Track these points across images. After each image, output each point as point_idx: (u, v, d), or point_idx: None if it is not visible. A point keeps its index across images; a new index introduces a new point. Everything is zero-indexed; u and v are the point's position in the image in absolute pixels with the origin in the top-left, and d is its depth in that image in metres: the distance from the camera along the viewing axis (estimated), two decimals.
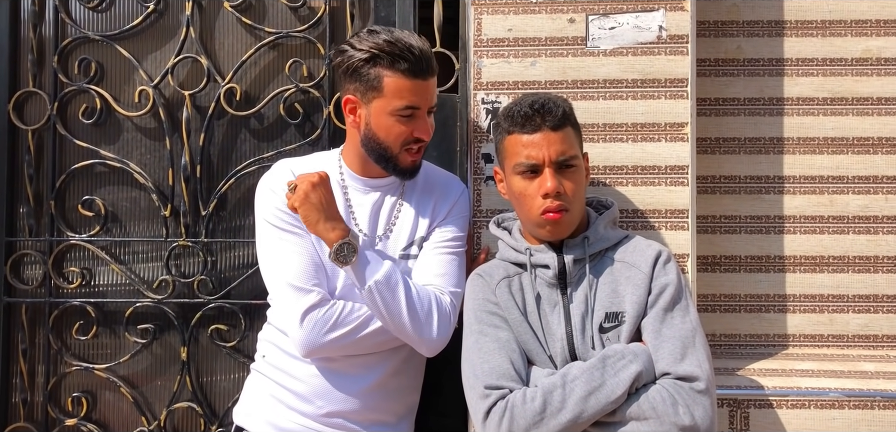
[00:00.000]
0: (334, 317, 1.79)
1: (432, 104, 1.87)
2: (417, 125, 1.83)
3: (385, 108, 1.82)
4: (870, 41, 2.34)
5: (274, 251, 1.86)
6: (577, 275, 1.79)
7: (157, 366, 2.53)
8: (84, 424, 2.52)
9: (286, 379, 1.90)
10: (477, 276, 1.86)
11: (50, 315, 2.51)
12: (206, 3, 2.51)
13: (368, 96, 1.83)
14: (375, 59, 1.80)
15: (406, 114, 1.82)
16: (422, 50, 1.81)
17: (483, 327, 1.75)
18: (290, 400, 1.89)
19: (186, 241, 2.48)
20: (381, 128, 1.84)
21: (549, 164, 1.73)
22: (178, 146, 2.49)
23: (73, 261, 2.53)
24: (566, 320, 1.76)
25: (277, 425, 1.89)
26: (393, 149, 1.85)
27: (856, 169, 2.33)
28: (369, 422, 1.89)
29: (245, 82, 2.50)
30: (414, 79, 1.80)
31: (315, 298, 1.79)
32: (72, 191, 2.54)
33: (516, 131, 1.76)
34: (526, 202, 1.77)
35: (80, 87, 2.51)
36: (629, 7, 2.09)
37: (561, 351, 1.74)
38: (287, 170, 1.94)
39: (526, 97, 1.80)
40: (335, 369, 1.87)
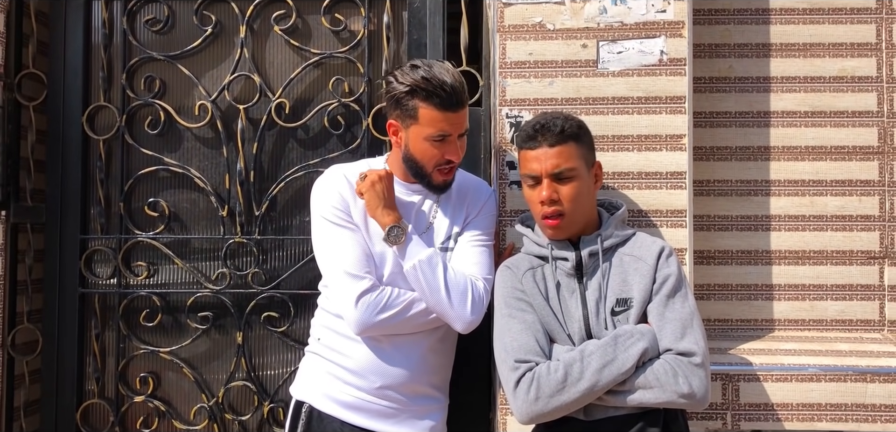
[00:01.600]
0: (384, 300, 2.07)
1: (463, 130, 2.13)
2: (448, 149, 2.10)
3: (420, 134, 2.09)
4: (845, 62, 2.63)
5: (331, 243, 2.13)
6: (591, 267, 2.04)
7: (214, 350, 2.82)
8: (151, 401, 2.81)
9: (341, 357, 2.16)
10: (505, 268, 2.12)
11: (120, 304, 2.80)
12: (258, 26, 2.80)
13: (407, 123, 2.11)
14: (413, 92, 2.06)
15: (438, 140, 2.08)
16: (454, 86, 2.06)
17: (512, 311, 2.03)
18: (345, 375, 2.15)
19: (241, 238, 2.77)
20: (417, 151, 2.11)
21: (545, 175, 2.00)
22: (233, 154, 2.79)
23: (140, 256, 2.82)
24: (583, 304, 2.01)
25: (335, 398, 2.15)
26: (427, 168, 2.12)
27: (833, 174, 2.62)
28: (414, 394, 2.16)
29: (292, 97, 2.79)
30: (445, 111, 2.06)
31: (368, 284, 2.07)
32: (138, 193, 2.82)
33: (524, 147, 2.05)
34: (532, 206, 2.07)
35: (146, 102, 2.80)
36: (634, 34, 2.39)
37: (578, 331, 1.99)
38: (340, 174, 2.22)
39: (535, 117, 2.07)
40: (384, 347, 2.13)
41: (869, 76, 2.62)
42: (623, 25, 2.39)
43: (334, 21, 2.77)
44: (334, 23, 2.77)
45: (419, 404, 2.18)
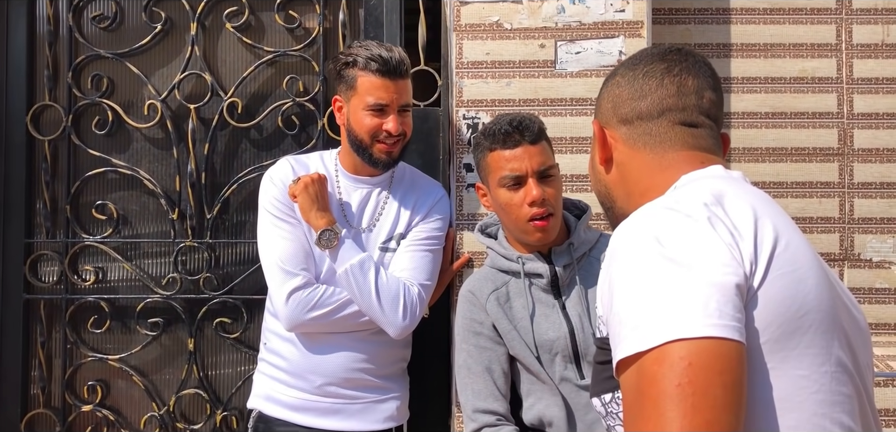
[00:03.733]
0: (316, 298, 2.04)
1: (404, 103, 2.09)
2: (386, 120, 2.06)
3: (360, 105, 2.07)
4: (805, 62, 2.62)
5: (268, 236, 2.11)
6: (568, 279, 1.96)
7: (165, 357, 2.75)
8: (99, 410, 2.72)
9: (281, 360, 2.14)
10: (469, 294, 2.02)
11: (66, 310, 2.71)
12: (210, 23, 2.73)
13: (348, 95, 2.10)
14: (353, 62, 2.07)
15: (376, 110, 2.06)
16: (392, 55, 2.05)
17: (470, 348, 1.97)
18: (287, 377, 2.13)
19: (192, 242, 2.70)
20: (356, 122, 2.09)
21: (531, 175, 1.90)
22: (184, 155, 2.71)
23: (88, 260, 2.74)
24: (566, 319, 1.92)
25: (279, 400, 2.13)
26: (365, 140, 2.08)
27: (794, 175, 2.61)
28: (363, 387, 2.12)
29: (245, 96, 2.72)
30: (383, 78, 2.04)
31: (300, 281, 2.04)
32: (86, 196, 2.74)
33: (498, 148, 1.93)
34: (513, 211, 1.92)
35: (93, 101, 2.71)
36: (593, 34, 2.35)
37: (564, 348, 1.90)
38: (288, 165, 2.17)
39: (503, 117, 1.98)
40: (323, 345, 2.10)
41: (829, 77, 2.61)
42: (581, 25, 2.35)
43: (288, 18, 2.70)
44: (288, 20, 2.70)
45: (370, 395, 2.15)
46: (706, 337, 0.85)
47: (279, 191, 2.12)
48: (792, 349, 0.92)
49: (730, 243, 0.92)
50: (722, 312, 0.87)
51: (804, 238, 1.02)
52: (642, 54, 1.19)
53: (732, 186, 1.03)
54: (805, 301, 0.94)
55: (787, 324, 0.92)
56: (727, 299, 0.88)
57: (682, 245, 0.91)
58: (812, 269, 0.97)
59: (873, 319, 2.59)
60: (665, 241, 0.92)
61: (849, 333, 1.00)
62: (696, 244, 0.92)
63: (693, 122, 1.12)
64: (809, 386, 0.92)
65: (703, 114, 1.13)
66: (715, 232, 0.93)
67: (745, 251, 0.93)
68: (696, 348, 0.85)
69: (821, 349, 0.93)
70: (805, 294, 0.94)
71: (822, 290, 0.96)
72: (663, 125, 1.12)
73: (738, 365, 0.86)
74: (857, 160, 2.60)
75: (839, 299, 1.01)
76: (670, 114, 1.12)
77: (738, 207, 0.97)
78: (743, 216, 0.96)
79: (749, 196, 1.01)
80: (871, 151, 2.60)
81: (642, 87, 1.14)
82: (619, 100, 1.17)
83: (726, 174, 1.08)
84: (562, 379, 1.89)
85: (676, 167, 1.10)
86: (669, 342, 0.85)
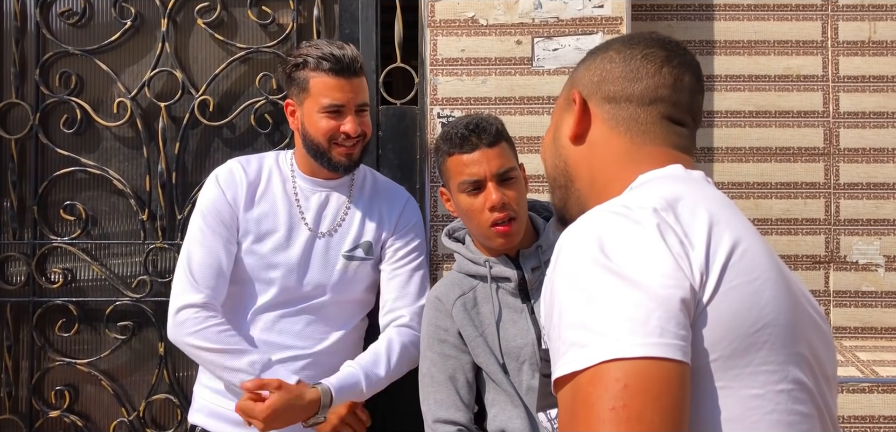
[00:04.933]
0: (202, 326, 1.93)
1: (360, 102, 1.99)
2: (344, 121, 1.97)
3: (314, 108, 1.97)
4: (790, 60, 2.56)
5: (191, 237, 2.03)
6: (536, 283, 1.89)
7: (135, 361, 2.68)
8: (67, 416, 2.66)
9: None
10: (435, 299, 1.96)
11: (34, 313, 2.64)
12: (181, 19, 2.66)
13: (301, 98, 2.00)
14: (304, 63, 1.97)
15: (332, 111, 1.96)
16: (344, 53, 1.95)
17: (434, 356, 1.91)
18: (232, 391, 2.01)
19: (163, 243, 2.63)
20: (312, 127, 1.98)
21: (491, 178, 1.84)
22: (154, 154, 2.64)
23: (56, 261, 2.67)
24: (534, 325, 1.86)
25: (220, 415, 2.05)
26: (323, 144, 1.98)
27: (778, 176, 2.55)
28: None
29: (217, 94, 2.65)
30: (336, 77, 1.94)
31: (199, 299, 1.94)
32: (54, 196, 2.67)
33: (456, 152, 1.87)
34: (474, 216, 1.87)
35: (61, 99, 2.64)
36: (570, 30, 2.29)
37: (532, 354, 1.83)
38: (238, 167, 2.09)
39: (460, 120, 1.92)
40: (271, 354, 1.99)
41: (814, 75, 2.55)
42: (559, 21, 2.29)
43: (261, 14, 2.63)
44: (261, 16, 2.63)
45: None
46: (645, 357, 0.80)
47: (219, 197, 2.03)
48: (744, 367, 0.86)
49: (679, 253, 0.86)
50: (663, 330, 0.81)
51: (765, 243, 0.96)
52: (640, 37, 1.12)
53: (690, 188, 0.97)
54: (760, 315, 0.87)
55: (739, 340, 0.86)
56: (670, 315, 0.82)
57: (625, 255, 0.85)
58: (770, 279, 0.90)
59: (859, 323, 2.53)
60: (609, 250, 0.86)
61: (812, 346, 0.94)
62: (641, 255, 0.85)
63: (680, 120, 1.07)
64: (763, 406, 0.86)
65: (690, 113, 1.08)
66: (663, 241, 0.86)
67: (695, 262, 0.86)
68: (633, 369, 0.79)
69: (777, 366, 0.87)
70: (761, 307, 0.87)
71: (780, 302, 0.89)
72: (652, 114, 1.05)
73: (678, 387, 0.80)
74: (844, 160, 2.54)
75: (802, 309, 0.95)
76: (661, 105, 1.06)
77: (693, 212, 0.91)
78: (697, 222, 0.90)
79: (707, 199, 0.95)
80: (857, 151, 2.54)
81: (639, 69, 1.07)
82: (609, 75, 1.09)
83: (686, 174, 1.02)
84: (528, 388, 1.83)
85: (649, 162, 1.04)
86: (606, 362, 0.80)
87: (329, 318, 2.06)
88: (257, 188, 2.07)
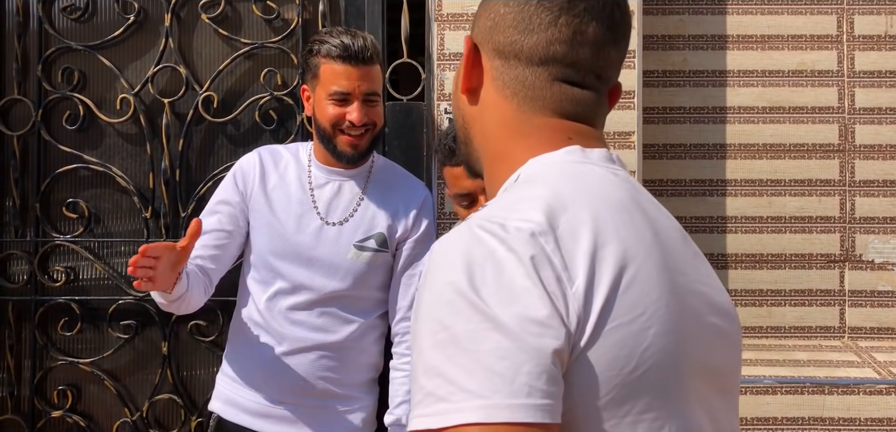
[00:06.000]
0: None
1: (369, 90, 1.95)
2: (350, 109, 1.93)
3: (323, 94, 1.94)
4: (804, 55, 2.51)
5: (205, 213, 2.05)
6: None
7: (139, 360, 2.65)
8: (69, 416, 2.63)
9: (245, 364, 2.05)
10: None
11: (36, 312, 2.61)
12: (185, 14, 2.63)
13: (313, 84, 1.98)
14: (317, 50, 1.95)
15: (338, 98, 1.92)
16: (355, 40, 1.92)
17: None
18: (250, 382, 2.03)
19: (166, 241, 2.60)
20: (320, 112, 1.97)
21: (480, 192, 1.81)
22: (158, 151, 2.61)
23: (58, 260, 2.64)
24: None
25: (239, 404, 2.04)
26: (328, 130, 1.96)
27: (792, 173, 2.51)
28: (326, 396, 2.02)
29: (222, 90, 2.62)
30: (345, 64, 1.91)
31: None
32: (56, 193, 2.64)
33: (449, 163, 1.87)
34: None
35: (64, 95, 2.61)
36: None
37: None
38: (257, 157, 2.07)
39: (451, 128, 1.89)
40: (293, 350, 1.99)
41: (829, 70, 2.50)
42: None
43: (266, 9, 2.60)
44: (266, 11, 2.60)
45: (335, 405, 2.04)
46: (507, 423, 0.70)
47: (231, 181, 2.05)
48: (623, 416, 0.77)
49: (555, 292, 0.75)
50: (531, 389, 0.71)
51: (660, 253, 0.83)
52: None
53: (580, 187, 0.85)
54: (643, 357, 0.77)
55: (617, 388, 0.77)
56: (541, 370, 0.72)
57: (495, 291, 0.74)
58: (660, 310, 0.80)
59: (875, 323, 2.48)
60: (477, 282, 0.75)
61: (711, 368, 0.86)
62: (511, 291, 0.74)
63: (580, 82, 0.90)
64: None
65: (595, 73, 0.90)
66: (538, 276, 0.75)
67: (572, 303, 0.76)
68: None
69: (660, 411, 0.78)
70: (644, 348, 0.78)
71: (669, 341, 0.79)
72: (541, 77, 0.90)
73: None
74: (859, 157, 2.49)
75: (701, 325, 0.85)
76: (553, 66, 0.89)
77: (575, 233, 0.79)
78: (579, 246, 0.78)
79: (598, 201, 0.83)
80: (873, 148, 2.49)
81: (532, 19, 0.89)
82: (501, 22, 0.92)
83: (582, 159, 0.89)
84: None
85: (537, 137, 0.90)
86: (463, 426, 0.71)
87: (344, 310, 2.03)
88: (274, 174, 2.06)
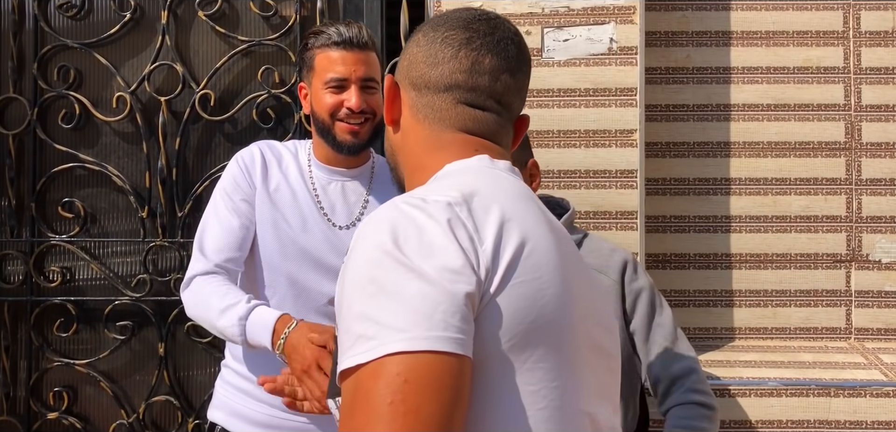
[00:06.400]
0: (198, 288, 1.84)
1: (365, 76, 1.89)
2: (347, 95, 1.88)
3: (319, 84, 1.89)
4: (810, 51, 2.47)
5: (209, 210, 1.96)
6: None
7: (135, 362, 2.62)
8: (65, 418, 2.60)
9: (249, 371, 1.95)
10: None
11: (31, 312, 2.59)
12: (182, 11, 2.60)
13: (310, 78, 1.93)
14: (312, 44, 1.91)
15: (334, 85, 1.87)
16: (349, 27, 1.88)
17: None
18: (256, 391, 1.95)
19: (163, 241, 2.57)
20: (317, 103, 1.91)
21: None
22: (154, 150, 2.58)
23: (54, 260, 2.61)
24: None
25: (245, 415, 1.96)
26: (326, 121, 1.90)
27: (797, 171, 2.46)
28: None
29: (219, 88, 2.59)
30: (340, 50, 1.87)
31: (204, 267, 1.85)
32: (52, 193, 2.62)
33: None
34: None
35: (60, 93, 2.59)
36: (582, 20, 2.21)
37: None
38: (257, 150, 1.99)
39: None
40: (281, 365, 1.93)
41: (835, 67, 2.46)
42: (569, 11, 2.21)
43: (264, 6, 2.57)
44: (264, 8, 2.57)
45: None
46: (426, 351, 0.81)
47: (239, 174, 1.96)
48: (523, 362, 0.88)
49: (468, 248, 0.88)
50: (447, 324, 0.82)
51: (556, 244, 0.95)
52: (448, 16, 1.09)
53: (489, 182, 0.98)
54: (542, 312, 0.89)
55: (519, 335, 0.88)
56: (455, 310, 0.83)
57: (416, 248, 0.86)
58: (555, 280, 0.92)
59: (882, 324, 2.44)
60: (401, 242, 0.87)
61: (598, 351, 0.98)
62: (431, 248, 0.86)
63: (480, 105, 1.04)
64: (537, 402, 0.89)
65: (494, 98, 1.05)
66: (453, 236, 0.88)
67: (483, 257, 0.88)
68: (413, 363, 0.81)
69: (554, 363, 0.90)
70: (542, 304, 0.90)
71: (564, 303, 0.92)
72: (447, 101, 1.04)
73: (457, 381, 0.82)
74: (866, 155, 2.45)
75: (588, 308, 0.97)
76: (457, 92, 1.04)
77: (486, 208, 0.92)
78: (489, 218, 0.91)
79: (504, 195, 0.96)
80: (880, 145, 2.45)
81: (437, 54, 1.05)
82: (414, 61, 1.08)
83: (490, 165, 1.02)
84: None
85: (449, 150, 1.04)
86: (388, 355, 0.81)
87: None
88: (276, 171, 1.99)
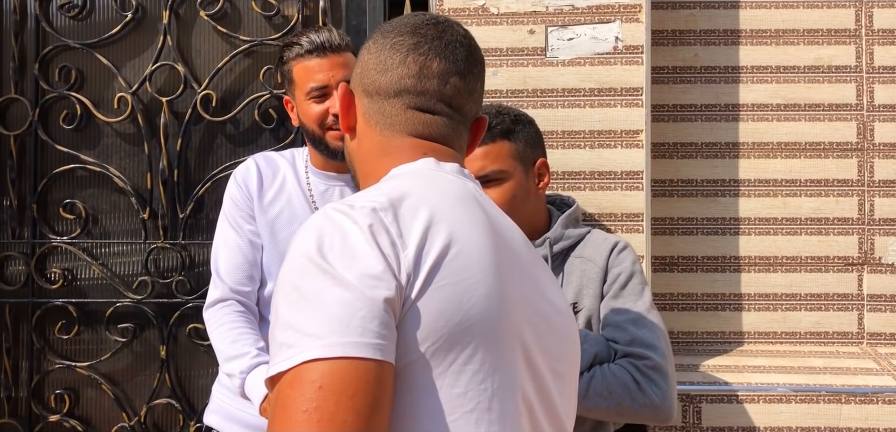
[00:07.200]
0: (214, 325, 1.88)
1: (344, 79, 1.85)
2: (331, 103, 1.86)
3: (302, 96, 1.89)
4: (821, 50, 2.42)
5: (218, 238, 1.97)
6: None
7: (137, 364, 2.60)
8: (67, 420, 2.58)
9: None
10: None
11: (33, 314, 2.57)
12: (183, 11, 2.57)
13: (292, 91, 1.92)
14: (287, 57, 1.90)
15: (316, 95, 1.86)
16: (320, 33, 1.87)
17: None
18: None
19: (164, 243, 2.55)
20: (303, 115, 1.90)
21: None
22: (156, 151, 2.56)
23: (55, 262, 2.59)
24: None
25: (239, 419, 1.96)
26: (316, 131, 1.89)
27: (808, 172, 2.42)
28: None
29: (221, 89, 2.56)
30: (316, 57, 1.86)
31: (220, 294, 1.89)
32: (53, 194, 2.60)
33: None
34: None
35: (61, 94, 2.57)
36: (587, 18, 2.17)
37: None
38: (254, 165, 1.99)
39: None
40: None
41: (847, 66, 2.41)
42: (574, 9, 2.17)
43: (266, 5, 2.54)
44: (266, 7, 2.54)
45: None
46: (342, 357, 0.82)
47: (238, 193, 1.96)
48: (448, 365, 0.89)
49: (389, 253, 0.89)
50: (364, 329, 0.83)
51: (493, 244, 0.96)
52: (397, 23, 1.11)
53: (425, 185, 0.99)
54: (468, 314, 0.90)
55: (443, 338, 0.88)
56: (374, 315, 0.84)
57: (337, 254, 0.88)
58: (485, 280, 0.92)
59: (894, 329, 2.39)
60: (325, 249, 0.88)
61: (540, 343, 0.98)
62: (353, 254, 0.88)
63: (429, 109, 1.06)
64: (464, 404, 0.89)
65: (444, 101, 1.06)
66: (374, 241, 0.89)
67: (404, 262, 0.89)
68: (329, 369, 0.82)
69: (482, 365, 0.90)
70: (469, 306, 0.90)
71: (493, 302, 0.92)
72: (397, 106, 1.06)
73: (375, 386, 0.83)
74: (878, 156, 2.40)
75: (528, 307, 0.97)
76: (406, 97, 1.06)
77: (414, 212, 0.93)
78: (415, 223, 0.92)
79: (437, 197, 0.97)
80: (893, 146, 2.40)
81: (386, 61, 1.07)
82: (366, 68, 1.10)
83: (435, 168, 1.04)
84: None
85: (399, 155, 1.06)
86: (305, 363, 0.82)
87: None
88: (273, 184, 1.99)
